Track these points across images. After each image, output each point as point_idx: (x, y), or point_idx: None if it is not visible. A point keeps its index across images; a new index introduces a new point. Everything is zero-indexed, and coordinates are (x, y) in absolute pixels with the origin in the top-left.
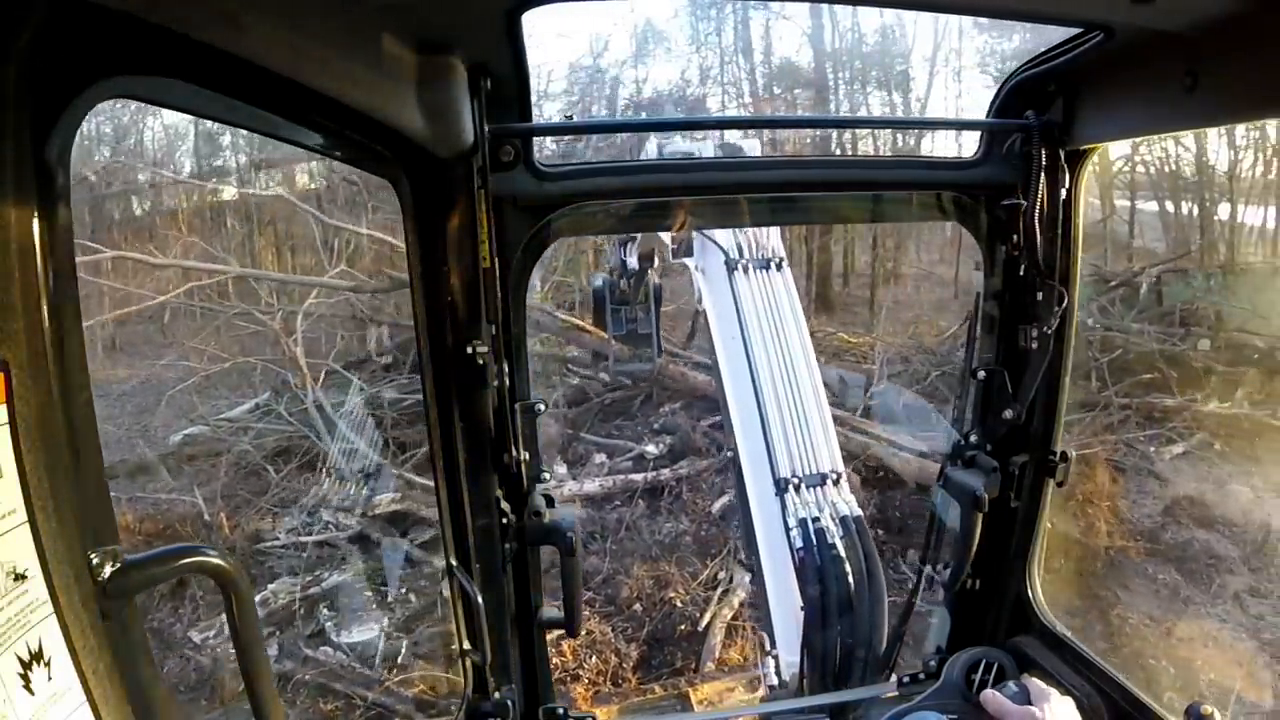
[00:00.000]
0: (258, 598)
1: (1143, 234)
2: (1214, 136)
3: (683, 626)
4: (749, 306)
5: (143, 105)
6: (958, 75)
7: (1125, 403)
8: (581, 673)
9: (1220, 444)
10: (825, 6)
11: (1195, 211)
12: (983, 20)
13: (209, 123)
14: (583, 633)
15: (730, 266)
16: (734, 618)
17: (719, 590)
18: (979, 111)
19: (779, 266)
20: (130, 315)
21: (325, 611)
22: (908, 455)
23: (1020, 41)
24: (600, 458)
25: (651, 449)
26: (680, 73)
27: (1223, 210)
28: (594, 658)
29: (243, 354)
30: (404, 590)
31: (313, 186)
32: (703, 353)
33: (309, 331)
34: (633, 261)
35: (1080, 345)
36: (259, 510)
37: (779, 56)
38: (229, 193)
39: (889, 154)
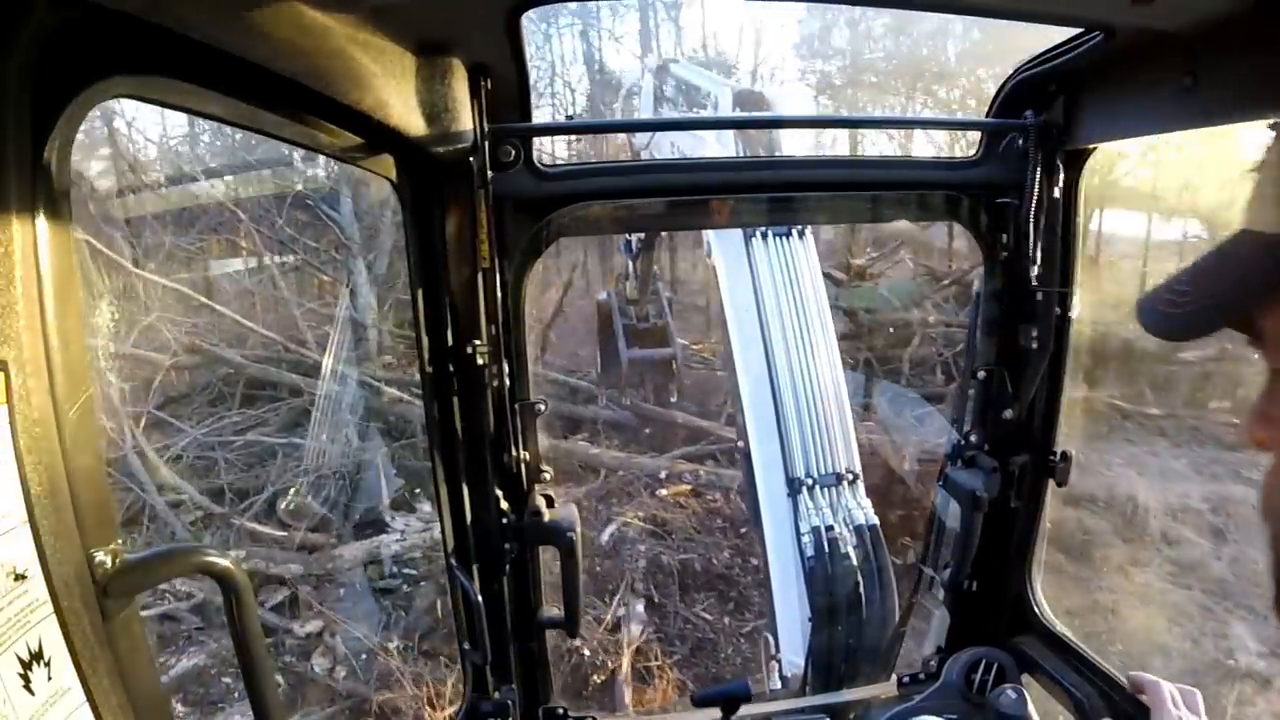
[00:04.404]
0: None
1: (964, 236)
2: None
3: (596, 678)
4: (766, 278)
5: None
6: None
7: None
8: None
9: (1067, 427)
10: None
11: None
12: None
13: None
14: None
15: (747, 233)
16: (639, 655)
17: (625, 632)
18: None
19: (800, 234)
20: None
21: (179, 708)
22: None
23: None
24: None
25: None
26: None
27: None
28: None
29: None
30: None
31: None
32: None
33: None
34: (635, 243)
35: (925, 341)
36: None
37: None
38: None
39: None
